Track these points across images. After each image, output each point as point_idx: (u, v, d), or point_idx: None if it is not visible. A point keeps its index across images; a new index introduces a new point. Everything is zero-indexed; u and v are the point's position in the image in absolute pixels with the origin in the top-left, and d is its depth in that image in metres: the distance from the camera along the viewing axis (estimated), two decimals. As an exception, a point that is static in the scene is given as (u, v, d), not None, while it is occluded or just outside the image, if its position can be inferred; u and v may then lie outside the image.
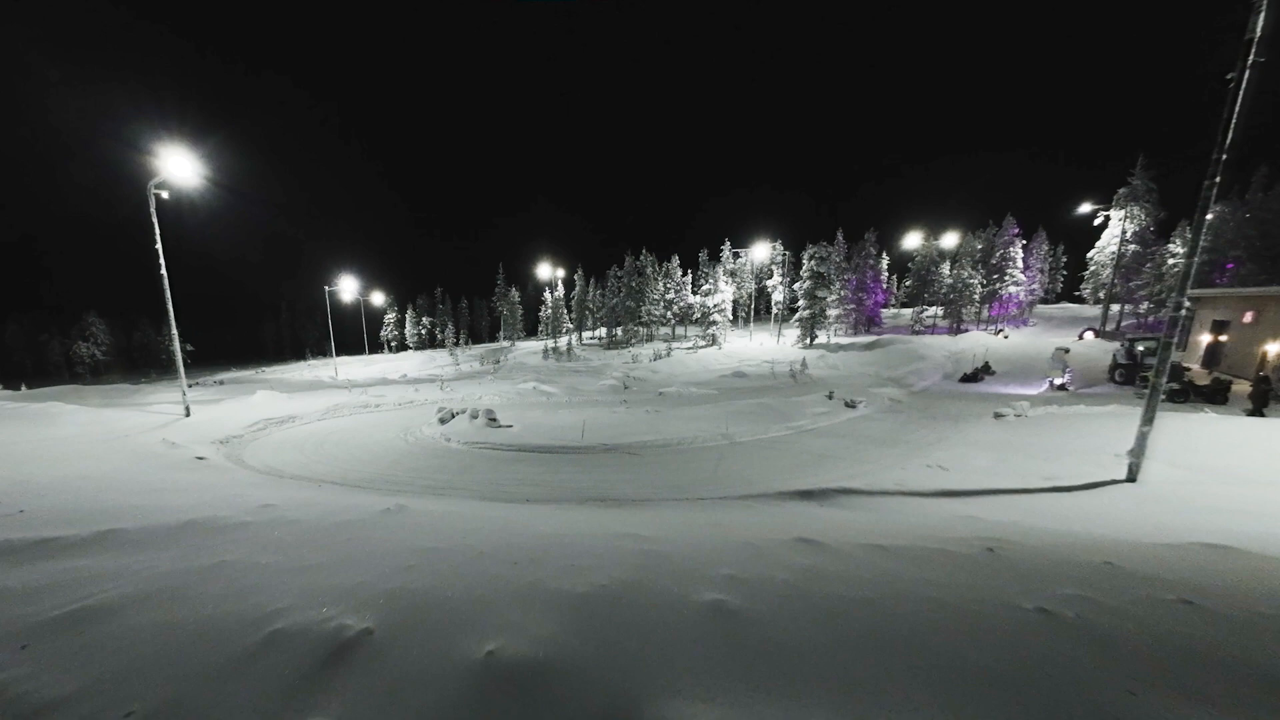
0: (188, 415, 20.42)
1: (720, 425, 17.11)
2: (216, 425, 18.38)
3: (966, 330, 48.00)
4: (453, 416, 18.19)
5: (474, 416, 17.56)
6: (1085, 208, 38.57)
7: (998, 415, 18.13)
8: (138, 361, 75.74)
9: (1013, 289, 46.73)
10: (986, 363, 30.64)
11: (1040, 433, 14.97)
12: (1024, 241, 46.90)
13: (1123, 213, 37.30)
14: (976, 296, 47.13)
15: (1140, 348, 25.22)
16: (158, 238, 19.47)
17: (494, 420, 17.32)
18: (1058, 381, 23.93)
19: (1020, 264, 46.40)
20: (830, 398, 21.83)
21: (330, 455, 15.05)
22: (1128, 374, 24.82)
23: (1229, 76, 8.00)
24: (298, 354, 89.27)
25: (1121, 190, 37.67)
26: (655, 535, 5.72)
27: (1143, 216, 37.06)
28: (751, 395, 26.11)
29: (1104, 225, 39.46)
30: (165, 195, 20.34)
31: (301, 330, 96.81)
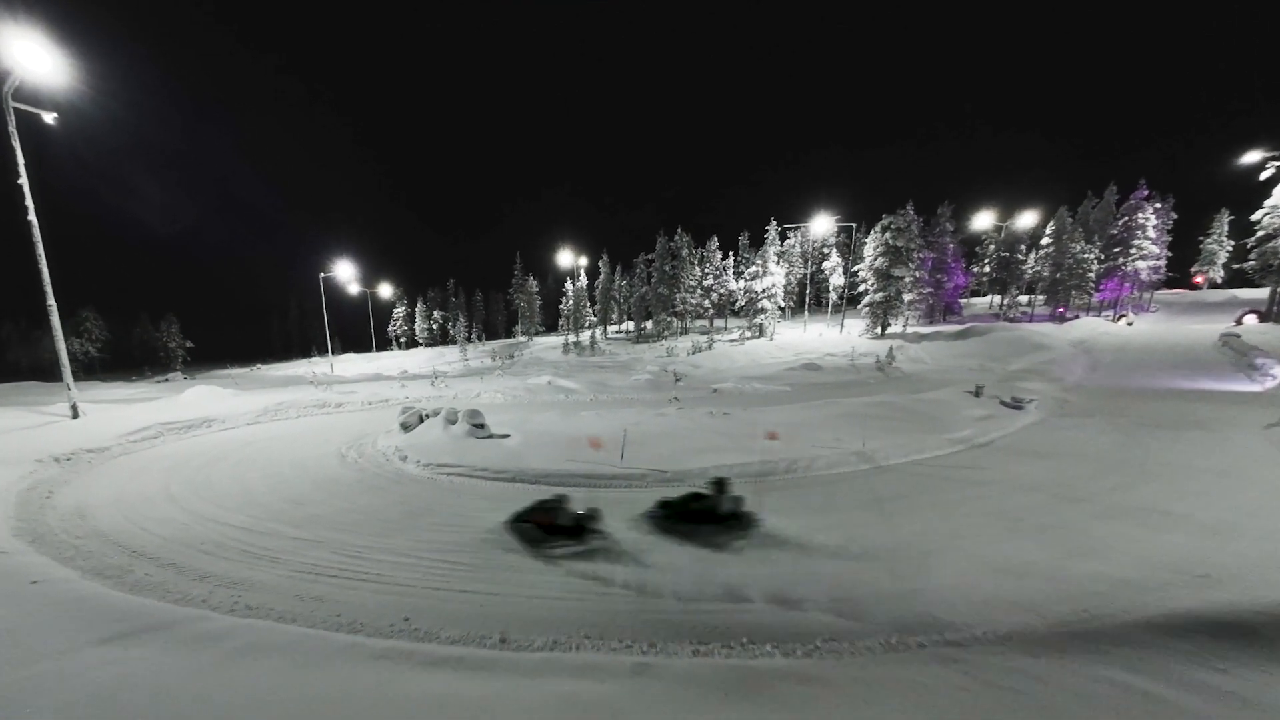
0: (75, 417, 15.42)
1: (838, 435, 10.88)
2: (87, 432, 13.08)
3: (1074, 317, 40.32)
4: (421, 420, 12.40)
5: (451, 421, 11.73)
6: (1252, 156, 30.75)
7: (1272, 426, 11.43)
8: (138, 358, 73.22)
9: (1140, 265, 38.71)
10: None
11: None
12: (1157, 204, 38.77)
13: (1306, 160, 29.47)
14: (1092, 275, 39.30)
15: None
16: (20, 167, 14.30)
17: (480, 426, 11.45)
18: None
19: (1151, 233, 38.36)
20: (977, 394, 15.32)
21: (206, 484, 9.39)
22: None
23: None
24: (305, 352, 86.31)
25: (1302, 131, 29.95)
26: None
27: (1334, 163, 29.16)
28: (841, 392, 19.66)
29: (1274, 181, 31.56)
30: (52, 120, 15.48)
31: (310, 328, 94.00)
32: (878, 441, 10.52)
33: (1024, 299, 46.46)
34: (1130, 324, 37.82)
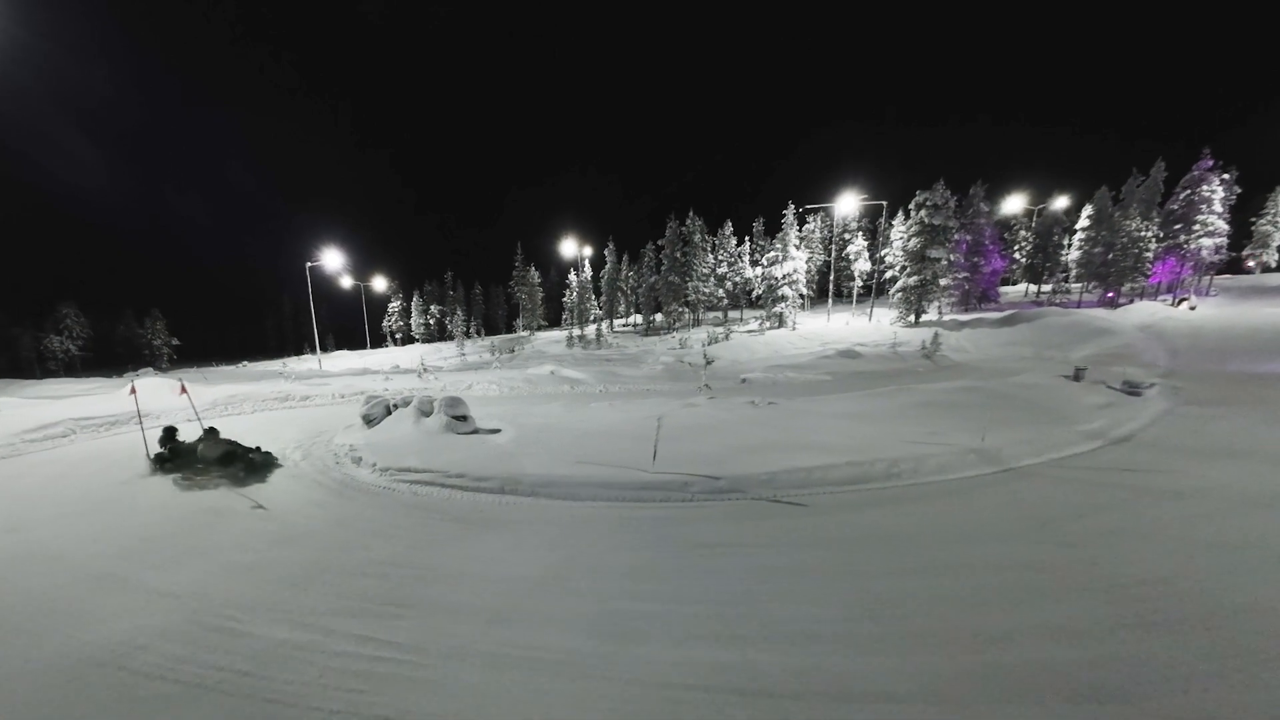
0: (-16, 413, 13.19)
1: (932, 428, 8.33)
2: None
3: (1127, 302, 37.42)
4: (388, 412, 9.94)
5: (425, 412, 9.27)
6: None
7: None
8: (122, 356, 71.36)
9: (1204, 243, 35.72)
10: None
11: None
12: (1224, 176, 35.70)
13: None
14: (1150, 256, 36.31)
15: None
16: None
17: (462, 418, 8.98)
18: None
19: (1218, 207, 35.34)
20: (1077, 378, 12.73)
21: (81, 499, 6.99)
22: None
23: None
24: (299, 349, 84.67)
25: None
26: None
27: None
28: (892, 380, 17.04)
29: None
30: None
31: (305, 325, 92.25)
32: (994, 437, 7.97)
33: (1073, 284, 43.59)
34: (1193, 308, 35.04)
